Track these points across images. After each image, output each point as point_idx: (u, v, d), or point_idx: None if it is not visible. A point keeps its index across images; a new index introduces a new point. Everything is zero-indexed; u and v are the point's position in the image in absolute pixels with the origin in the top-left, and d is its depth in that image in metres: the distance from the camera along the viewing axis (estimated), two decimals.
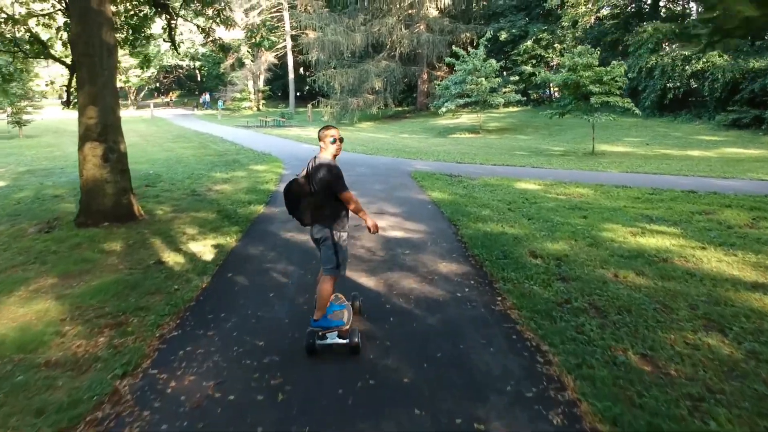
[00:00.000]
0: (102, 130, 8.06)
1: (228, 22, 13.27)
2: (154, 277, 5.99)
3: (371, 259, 6.58)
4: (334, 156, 4.42)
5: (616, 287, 5.47)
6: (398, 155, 18.03)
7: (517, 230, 7.78)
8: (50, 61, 12.54)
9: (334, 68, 34.29)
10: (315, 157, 4.40)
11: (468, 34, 33.81)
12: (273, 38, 48.16)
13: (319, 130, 4.49)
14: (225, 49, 12.66)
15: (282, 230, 8.03)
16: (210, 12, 12.89)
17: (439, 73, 35.79)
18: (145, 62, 13.46)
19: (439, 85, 27.65)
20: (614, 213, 8.97)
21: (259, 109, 51.31)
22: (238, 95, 50.94)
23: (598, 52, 18.80)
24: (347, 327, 4.40)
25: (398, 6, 34.01)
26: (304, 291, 5.52)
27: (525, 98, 31.68)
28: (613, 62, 18.79)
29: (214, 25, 13.78)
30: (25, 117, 28.56)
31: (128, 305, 5.18)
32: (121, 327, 4.71)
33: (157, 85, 74.65)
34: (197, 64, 55.11)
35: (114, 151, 8.24)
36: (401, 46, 33.51)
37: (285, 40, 45.77)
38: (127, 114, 48.85)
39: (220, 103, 45.69)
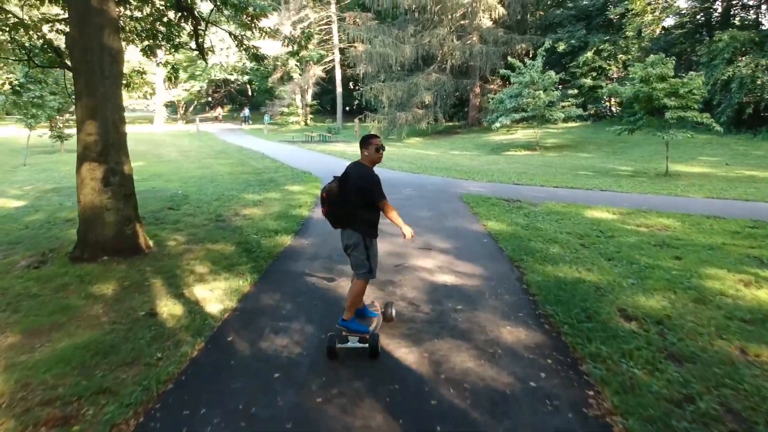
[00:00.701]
0: (102, 149, 6.95)
1: (264, 31, 12.21)
2: (138, 336, 4.76)
3: (413, 317, 5.19)
4: (373, 164, 4.64)
5: (752, 373, 3.95)
6: (448, 174, 16.62)
7: (597, 276, 6.26)
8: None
9: (383, 81, 33.18)
10: (355, 163, 4.62)
11: (523, 46, 32.17)
12: (321, 51, 47.58)
13: (364, 137, 4.63)
14: (259, 58, 11.59)
15: (307, 271, 6.73)
16: (244, 18, 11.81)
17: (492, 86, 34.31)
18: (174, 73, 12.48)
19: (492, 98, 26.16)
20: (713, 253, 7.35)
21: (306, 124, 50.75)
22: (286, 109, 50.54)
23: (673, 62, 16.99)
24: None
25: (450, 17, 32.72)
26: (319, 371, 4.17)
27: (586, 113, 29.76)
28: (691, 73, 16.97)
29: (249, 33, 12.76)
30: (67, 131, 28.30)
31: (90, 385, 3.94)
32: (66, 425, 3.46)
33: (209, 99, 75.57)
34: (246, 78, 55.00)
35: (116, 174, 7.11)
36: (452, 58, 32.15)
37: (333, 53, 45.11)
38: (174, 128, 49.29)
39: (266, 117, 45.27)
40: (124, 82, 11.95)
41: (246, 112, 56.17)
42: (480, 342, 4.59)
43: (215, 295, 5.80)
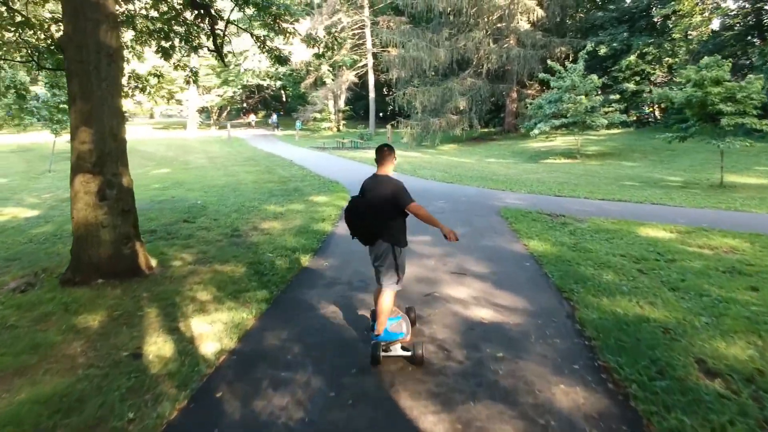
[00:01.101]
0: (98, 160, 6.26)
1: (288, 32, 11.49)
2: (113, 387, 3.99)
3: (444, 368, 4.30)
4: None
5: None
6: (484, 185, 15.66)
7: (663, 313, 5.29)
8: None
9: (416, 86, 32.34)
10: (375, 175, 4.65)
11: (563, 49, 30.95)
12: (354, 56, 47.01)
13: (383, 149, 4.68)
14: (282, 60, 10.84)
15: (322, 301, 5.90)
16: (266, 19, 11.12)
17: (529, 91, 33.17)
18: (194, 76, 11.84)
19: (531, 104, 25.05)
20: None
21: (338, 130, 50.21)
22: (318, 115, 50.08)
23: (729, 64, 15.74)
24: (409, 337, 4.56)
25: (486, 19, 31.73)
26: None
27: (630, 119, 28.32)
28: (750, 76, 15.71)
29: (272, 35, 12.11)
30: None
31: None
32: None
33: (245, 105, 75.72)
34: (278, 83, 54.77)
35: (113, 187, 6.40)
36: (489, 62, 31.12)
37: (366, 58, 44.49)
38: (206, 134, 49.25)
39: (298, 123, 44.81)
40: (139, 85, 11.41)
41: (274, 118, 55.93)
42: (528, 407, 3.67)
43: (214, 331, 5.01)
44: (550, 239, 8.43)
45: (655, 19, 32.62)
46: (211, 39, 10.20)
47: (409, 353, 4.36)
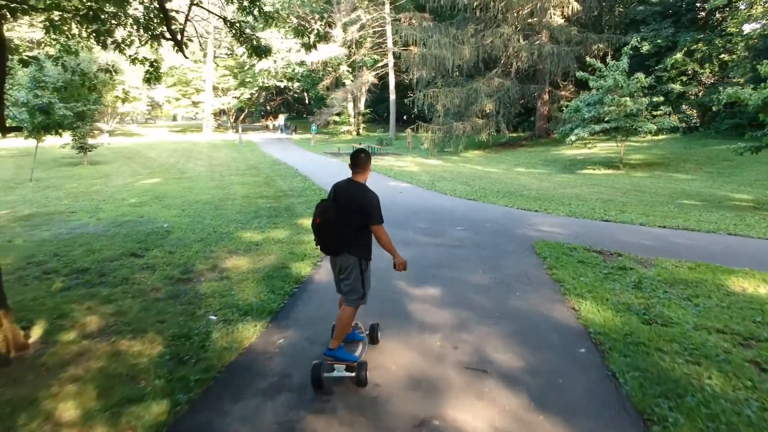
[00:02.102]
0: None
1: (269, 16, 9.32)
2: None
3: None
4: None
5: None
6: (513, 202, 13.29)
7: None
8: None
9: (438, 87, 29.90)
10: (348, 181, 4.49)
11: (601, 46, 28.27)
12: (375, 56, 44.85)
13: (359, 155, 4.50)
14: (261, 51, 8.51)
15: (259, 416, 3.66)
16: (244, 1, 8.94)
17: (563, 92, 30.48)
18: (154, 73, 9.70)
19: (566, 106, 22.40)
20: None
21: (358, 134, 48.10)
22: (336, 118, 48.00)
23: None
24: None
25: (516, 14, 29.16)
26: None
27: (684, 124, 25.45)
28: None
29: (252, 20, 9.94)
30: (91, 141, 26.36)
31: None
32: None
33: (267, 107, 74.21)
34: (296, 84, 52.78)
35: None
36: (518, 61, 28.55)
37: (387, 57, 42.24)
38: (221, 137, 47.52)
39: (313, 127, 42.74)
40: (87, 83, 9.36)
41: (281, 120, 54.31)
42: None
43: None
44: (608, 298, 6.05)
45: (704, 13, 29.86)
46: (162, 21, 8.03)
47: (352, 374, 4.27)
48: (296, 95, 66.76)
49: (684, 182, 17.51)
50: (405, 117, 47.77)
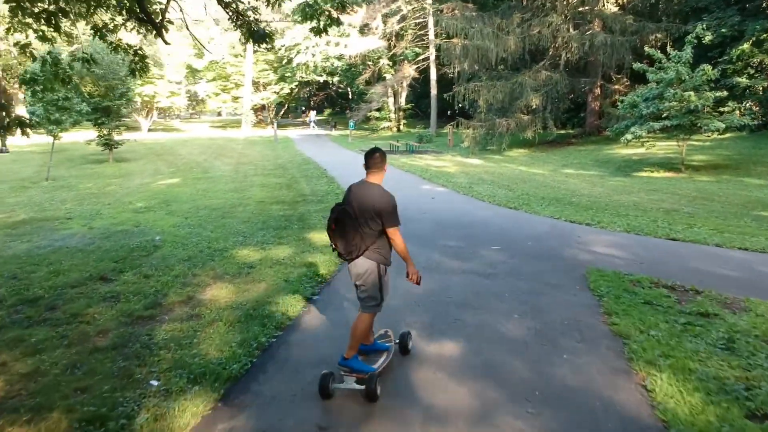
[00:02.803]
0: None
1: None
2: None
3: None
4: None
5: None
6: (561, 213, 11.58)
7: None
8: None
9: (481, 81, 28.01)
10: (362, 183, 4.32)
11: (659, 36, 25.90)
12: (416, 49, 43.12)
13: (375, 154, 4.32)
14: (259, 37, 7.06)
15: None
16: None
17: (616, 86, 28.20)
18: (140, 63, 8.39)
19: (621, 101, 20.28)
20: None
21: (399, 130, 46.53)
22: (377, 114, 46.48)
23: None
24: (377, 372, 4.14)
25: (566, 2, 27.05)
26: None
27: (755, 122, 22.88)
28: None
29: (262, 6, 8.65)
30: (117, 137, 25.63)
31: None
32: None
33: (311, 103, 73.36)
34: (335, 79, 51.45)
35: None
36: (568, 52, 26.45)
37: (429, 50, 40.47)
38: (260, 133, 46.67)
39: (351, 123, 41.36)
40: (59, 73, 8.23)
41: (312, 116, 53.38)
42: None
43: None
44: (692, 369, 4.36)
45: None
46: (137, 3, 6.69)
47: (362, 387, 4.00)
48: (340, 90, 65.63)
49: (757, 188, 15.34)
50: (449, 113, 45.93)
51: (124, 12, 7.46)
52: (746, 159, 19.92)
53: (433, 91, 40.09)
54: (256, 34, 7.86)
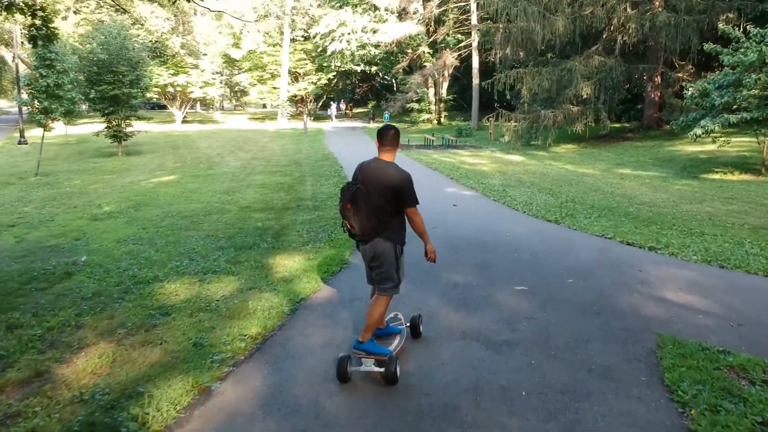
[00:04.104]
0: None
1: None
2: None
3: None
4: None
5: None
6: (614, 228, 9.05)
7: None
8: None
9: (525, 67, 24.99)
10: (378, 159, 4.20)
11: (730, 15, 22.49)
12: (459, 35, 40.31)
13: (389, 131, 4.23)
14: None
15: None
16: None
17: (679, 74, 24.91)
18: (45, 31, 6.24)
19: (689, 90, 17.16)
20: None
21: (439, 123, 43.84)
22: (416, 105, 43.82)
23: None
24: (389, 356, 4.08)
25: None
26: None
27: None
28: None
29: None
30: (129, 129, 23.99)
31: None
32: None
33: (356, 96, 71.25)
34: (374, 69, 48.89)
35: None
36: (625, 34, 23.25)
37: (471, 36, 37.60)
38: (294, 125, 44.73)
39: (386, 115, 38.93)
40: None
41: (333, 108, 51.25)
42: None
43: None
44: None
45: None
46: None
47: (381, 369, 4.01)
48: (384, 82, 63.32)
49: None
50: (495, 104, 43.02)
51: None
52: None
53: (475, 80, 37.20)
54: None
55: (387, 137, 4.18)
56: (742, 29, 16.62)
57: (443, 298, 5.86)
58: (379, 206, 4.04)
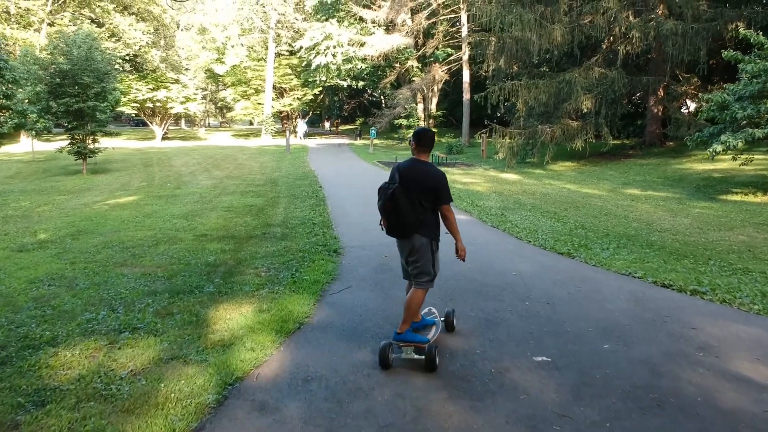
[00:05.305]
0: None
1: None
2: None
3: None
4: None
5: None
6: (640, 265, 7.51)
7: None
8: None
9: (519, 79, 23.44)
10: (413, 160, 4.49)
11: (740, 24, 21.23)
12: (448, 49, 39.01)
13: (428, 133, 4.62)
14: None
15: None
16: None
17: (683, 87, 23.56)
18: None
19: (706, 102, 15.54)
20: None
21: None
22: (404, 121, 42.39)
23: None
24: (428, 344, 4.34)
25: None
26: None
27: None
28: None
29: None
30: (96, 145, 22.33)
31: None
32: None
33: (343, 113, 70.05)
34: (360, 84, 47.40)
35: None
36: (628, 44, 21.90)
37: (461, 50, 36.27)
38: (277, 142, 43.13)
39: (372, 131, 37.41)
40: None
41: (301, 126, 49.32)
42: None
43: None
44: None
45: None
46: None
47: (421, 357, 4.27)
48: (372, 98, 62.19)
49: None
50: (485, 121, 41.66)
51: None
52: None
53: (466, 95, 35.85)
54: None
55: (424, 139, 4.52)
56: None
57: (436, 377, 4.23)
58: (417, 203, 4.32)
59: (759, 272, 7.25)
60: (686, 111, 27.15)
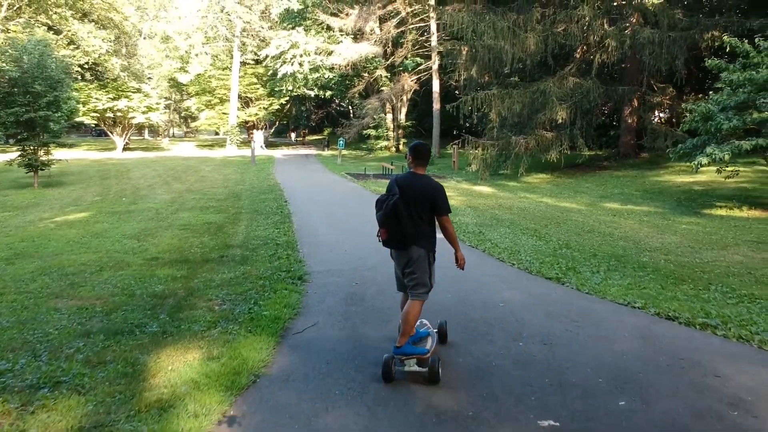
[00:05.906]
0: None
1: None
2: None
3: None
4: None
5: None
6: (638, 292, 6.84)
7: None
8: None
9: (492, 89, 22.79)
10: (413, 173, 4.60)
11: (716, 33, 20.92)
12: (418, 59, 38.45)
13: (425, 148, 4.74)
14: None
15: None
16: None
17: (657, 98, 23.21)
18: None
19: (690, 112, 14.90)
20: None
21: (398, 150, 41.83)
22: (373, 132, 41.67)
23: None
24: (429, 355, 4.39)
25: None
26: None
27: None
28: None
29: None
30: (48, 157, 21.15)
31: None
32: None
33: (311, 123, 69.26)
34: (328, 93, 46.52)
35: None
36: (603, 53, 21.46)
37: (431, 59, 35.69)
38: (242, 153, 42.01)
39: (341, 142, 36.56)
40: None
41: (257, 137, 48.09)
42: None
43: None
44: None
45: None
46: None
47: (424, 369, 4.30)
48: (341, 109, 61.55)
49: None
50: (455, 131, 41.14)
51: None
52: None
53: (436, 105, 35.25)
54: None
55: (421, 153, 4.63)
56: (728, 50, 14.89)
57: None
58: (416, 215, 4.40)
59: (766, 299, 6.58)
60: (657, 121, 26.92)
